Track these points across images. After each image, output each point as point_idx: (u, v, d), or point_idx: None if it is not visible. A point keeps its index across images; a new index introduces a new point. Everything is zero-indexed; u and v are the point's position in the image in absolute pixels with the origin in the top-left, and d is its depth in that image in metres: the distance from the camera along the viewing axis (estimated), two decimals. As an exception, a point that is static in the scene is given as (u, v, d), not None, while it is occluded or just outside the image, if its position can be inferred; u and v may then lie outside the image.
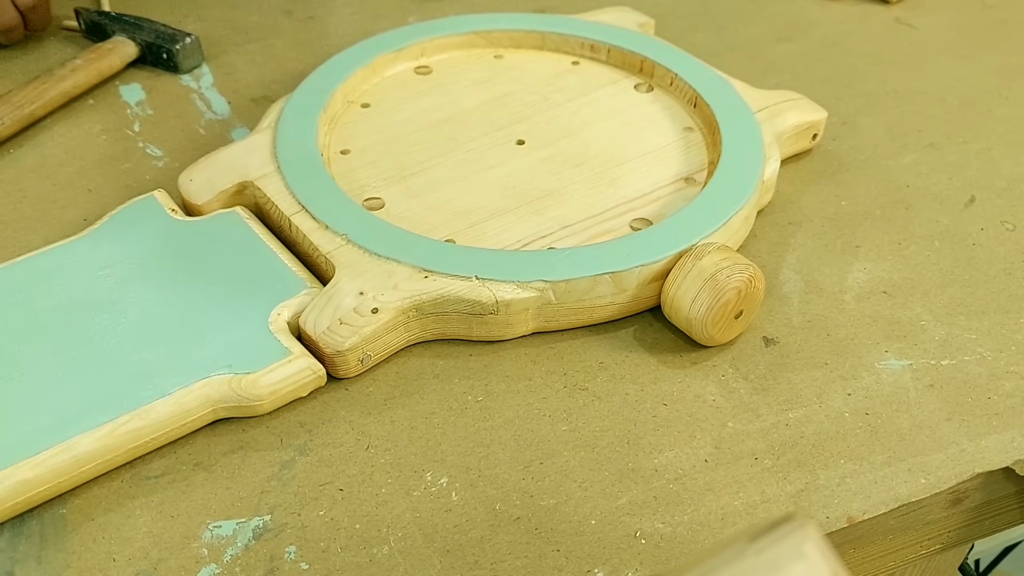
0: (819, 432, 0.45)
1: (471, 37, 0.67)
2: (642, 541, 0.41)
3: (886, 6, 0.78)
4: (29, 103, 0.63)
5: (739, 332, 0.49)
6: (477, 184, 0.56)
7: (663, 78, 0.63)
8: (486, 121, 0.61)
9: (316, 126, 0.58)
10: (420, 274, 0.48)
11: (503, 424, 0.45)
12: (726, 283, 0.46)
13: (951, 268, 0.54)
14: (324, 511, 0.42)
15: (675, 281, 0.48)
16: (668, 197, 0.55)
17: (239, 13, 0.77)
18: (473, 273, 0.48)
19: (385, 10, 0.77)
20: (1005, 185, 0.60)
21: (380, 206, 0.54)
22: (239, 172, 0.55)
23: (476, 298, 0.47)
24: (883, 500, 0.42)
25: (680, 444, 0.45)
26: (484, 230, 0.53)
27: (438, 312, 0.48)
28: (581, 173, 0.57)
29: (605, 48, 0.66)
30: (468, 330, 0.49)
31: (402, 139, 0.59)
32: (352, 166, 0.57)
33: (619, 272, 0.48)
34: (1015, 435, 0.45)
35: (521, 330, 0.49)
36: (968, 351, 0.49)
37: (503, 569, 0.40)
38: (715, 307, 0.46)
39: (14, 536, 0.41)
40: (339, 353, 0.46)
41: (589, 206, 0.54)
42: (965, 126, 0.65)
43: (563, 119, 0.61)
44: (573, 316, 0.49)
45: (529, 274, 0.48)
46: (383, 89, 0.64)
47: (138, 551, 0.40)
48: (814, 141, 0.61)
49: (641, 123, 0.61)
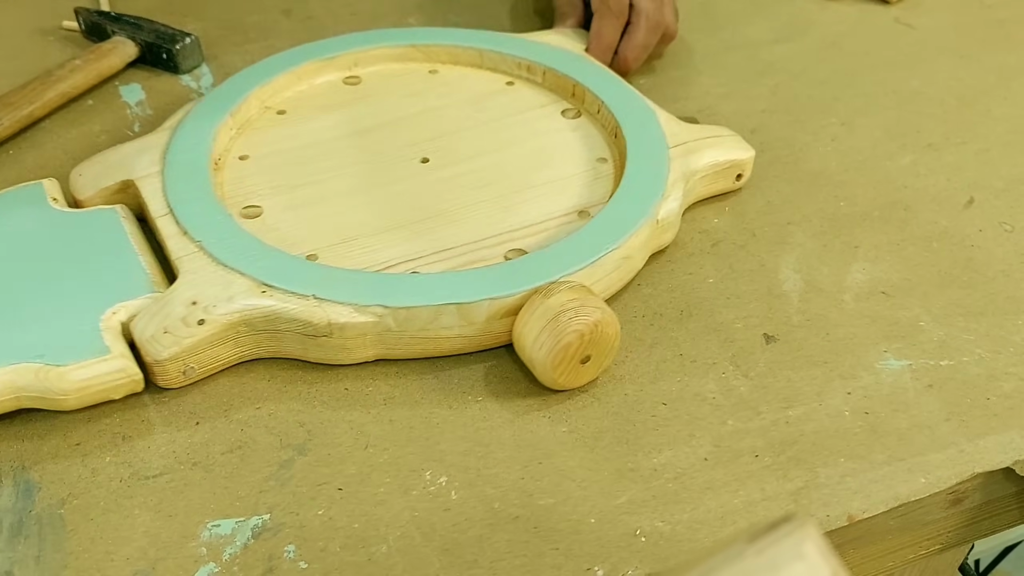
0: (819, 430, 0.45)
1: (408, 50, 0.66)
2: (642, 539, 0.41)
3: (885, 6, 0.79)
4: (28, 103, 0.63)
5: (591, 378, 0.47)
6: (366, 200, 0.55)
7: (592, 105, 0.61)
8: (400, 136, 0.60)
9: (216, 129, 0.57)
10: (259, 288, 0.47)
11: (502, 424, 0.45)
12: (567, 326, 0.44)
13: (950, 269, 0.54)
14: (323, 510, 0.42)
15: (522, 319, 0.46)
16: (555, 230, 0.53)
17: (238, 13, 0.77)
18: (312, 292, 0.46)
19: (384, 10, 0.77)
20: (1004, 186, 0.60)
21: (257, 215, 0.53)
22: (125, 170, 0.54)
23: (309, 319, 0.46)
24: (883, 499, 0.42)
25: (679, 443, 0.45)
26: (352, 248, 0.51)
27: (271, 330, 0.47)
28: (477, 196, 0.55)
29: (541, 70, 0.64)
30: (303, 351, 0.47)
31: (307, 149, 0.58)
32: (245, 172, 0.56)
33: (465, 304, 0.46)
34: (1014, 436, 0.45)
35: (360, 356, 0.47)
36: (967, 352, 0.49)
37: (502, 568, 0.40)
38: (555, 350, 0.44)
39: (12, 536, 0.41)
40: (158, 362, 0.45)
41: (472, 232, 0.52)
42: (964, 127, 0.65)
43: (480, 140, 0.59)
44: (417, 346, 0.47)
45: (368, 298, 0.46)
46: (305, 97, 0.63)
47: (136, 550, 0.40)
48: (739, 181, 0.58)
49: (557, 150, 0.59)
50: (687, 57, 0.72)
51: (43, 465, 0.43)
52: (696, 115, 0.66)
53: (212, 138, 0.56)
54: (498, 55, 0.65)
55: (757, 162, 0.61)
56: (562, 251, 0.49)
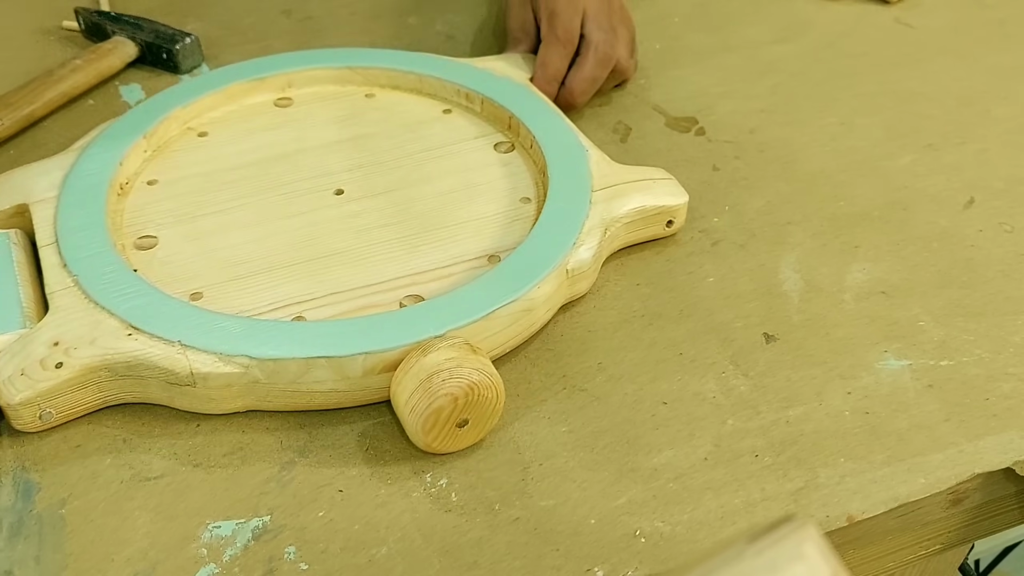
0: (819, 430, 0.45)
1: (345, 72, 0.62)
2: (641, 540, 0.41)
3: (885, 6, 0.78)
4: (29, 103, 0.63)
5: (472, 442, 0.44)
6: (267, 233, 0.52)
7: (526, 139, 0.57)
8: (320, 164, 0.56)
9: (124, 152, 0.54)
10: (125, 331, 0.44)
11: (502, 425, 0.45)
12: (439, 388, 0.41)
13: (949, 269, 0.54)
14: (323, 512, 0.42)
15: (397, 377, 0.43)
16: (461, 275, 0.49)
17: (238, 13, 0.77)
18: (178, 338, 0.43)
19: (383, 10, 0.77)
20: (1003, 187, 0.60)
21: (151, 246, 0.50)
22: (23, 193, 0.51)
23: (171, 367, 0.43)
24: (883, 500, 0.42)
25: (679, 443, 0.45)
26: (242, 287, 0.48)
27: (134, 376, 0.44)
28: (386, 234, 0.51)
29: (479, 99, 0.60)
30: (170, 399, 0.44)
31: (220, 174, 0.55)
32: (149, 199, 0.53)
33: (338, 357, 0.43)
34: (1013, 436, 0.45)
35: (228, 407, 0.44)
36: (966, 352, 0.49)
37: (502, 569, 0.40)
38: (425, 413, 0.41)
39: (12, 536, 0.41)
40: (10, 406, 0.42)
41: (370, 274, 0.49)
42: (963, 127, 0.65)
43: (403, 171, 0.56)
44: (289, 399, 0.44)
45: (234, 347, 0.43)
46: (232, 119, 0.60)
47: (137, 552, 0.40)
48: (669, 228, 0.54)
49: (482, 186, 0.55)
50: (686, 57, 0.72)
51: (43, 466, 0.43)
52: (695, 115, 0.66)
53: (119, 161, 0.53)
54: (438, 81, 0.61)
55: (757, 162, 0.61)
56: (456, 301, 0.46)
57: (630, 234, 0.54)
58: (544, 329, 0.50)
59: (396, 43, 0.72)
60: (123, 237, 0.51)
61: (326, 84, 0.63)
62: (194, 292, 0.48)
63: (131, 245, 0.51)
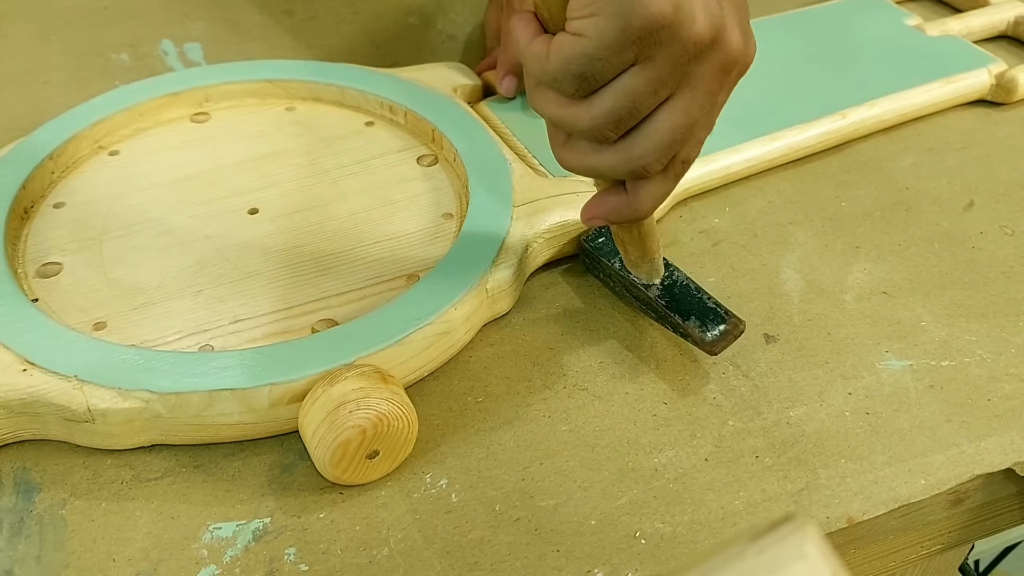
0: (820, 431, 0.45)
1: (264, 85, 0.60)
2: (642, 541, 0.41)
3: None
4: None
5: (385, 472, 0.42)
6: (176, 256, 0.50)
7: (449, 152, 0.56)
8: (234, 182, 0.54)
9: (26, 174, 0.51)
10: (20, 365, 0.42)
11: (503, 425, 0.45)
12: (346, 420, 0.39)
13: (951, 270, 0.54)
14: (324, 513, 0.42)
15: (304, 408, 0.41)
16: (376, 297, 0.47)
17: (240, 12, 0.77)
18: (75, 372, 0.41)
19: (386, 10, 0.77)
20: (1004, 190, 0.60)
21: (55, 273, 0.48)
22: None
23: (67, 404, 0.41)
24: (883, 500, 0.42)
25: (680, 443, 0.45)
26: (147, 315, 0.46)
27: (30, 413, 0.42)
28: (297, 255, 0.50)
29: (403, 110, 0.58)
30: (70, 435, 0.43)
31: (130, 195, 0.53)
32: (56, 223, 0.51)
33: (243, 389, 0.41)
34: (1015, 437, 0.45)
35: (131, 442, 0.43)
36: (968, 353, 0.49)
37: (503, 570, 0.40)
38: (333, 446, 0.40)
39: (13, 536, 0.41)
40: None
41: (281, 298, 0.47)
42: (965, 130, 0.65)
43: (320, 188, 0.54)
44: (195, 433, 0.43)
45: (133, 381, 0.41)
46: (145, 136, 0.57)
47: (138, 552, 0.40)
48: None
49: (403, 202, 0.53)
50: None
51: (44, 467, 0.43)
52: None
53: (22, 184, 0.51)
54: (360, 93, 0.60)
55: (758, 163, 0.61)
56: (368, 326, 0.44)
57: (554, 249, 0.52)
58: (546, 328, 0.50)
59: (397, 43, 0.73)
60: (24, 264, 0.49)
61: (244, 98, 0.60)
62: (97, 322, 0.46)
63: (33, 272, 0.48)
